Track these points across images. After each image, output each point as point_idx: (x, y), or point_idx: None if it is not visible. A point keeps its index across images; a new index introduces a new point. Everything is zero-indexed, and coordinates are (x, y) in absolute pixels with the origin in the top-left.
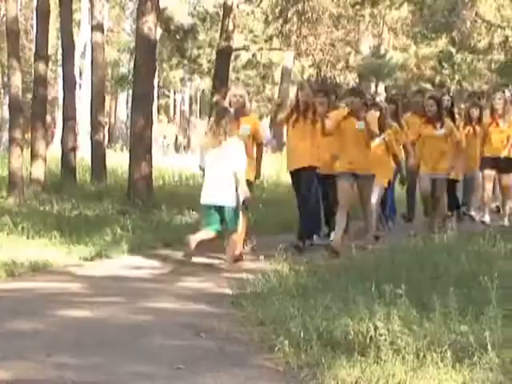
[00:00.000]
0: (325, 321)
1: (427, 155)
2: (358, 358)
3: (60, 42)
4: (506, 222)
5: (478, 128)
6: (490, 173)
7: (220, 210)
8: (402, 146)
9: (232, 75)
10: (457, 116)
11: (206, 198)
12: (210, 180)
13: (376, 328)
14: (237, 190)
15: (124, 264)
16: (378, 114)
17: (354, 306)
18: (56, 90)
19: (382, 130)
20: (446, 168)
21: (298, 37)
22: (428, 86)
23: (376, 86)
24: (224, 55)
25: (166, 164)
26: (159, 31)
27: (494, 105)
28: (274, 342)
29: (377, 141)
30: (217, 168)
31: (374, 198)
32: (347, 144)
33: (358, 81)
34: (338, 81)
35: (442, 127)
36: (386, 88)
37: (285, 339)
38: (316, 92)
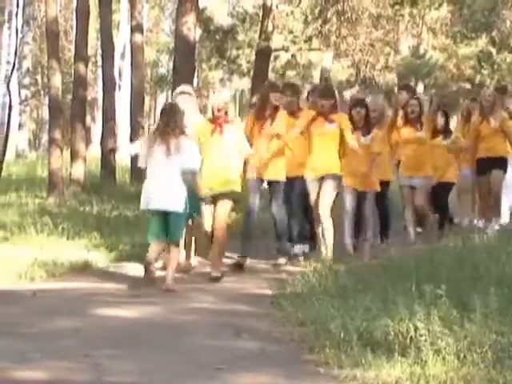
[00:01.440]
0: (365, 321)
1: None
2: (398, 359)
3: (99, 43)
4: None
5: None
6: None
7: (165, 216)
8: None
9: (272, 76)
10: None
11: (150, 203)
12: (154, 182)
13: (416, 328)
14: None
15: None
16: (346, 114)
17: (393, 307)
18: (96, 91)
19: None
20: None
21: (337, 37)
22: (467, 85)
23: (415, 86)
24: (263, 56)
25: None
26: (198, 31)
27: (483, 102)
28: (314, 343)
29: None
30: (164, 168)
31: (350, 205)
32: (314, 146)
33: (396, 81)
34: (377, 81)
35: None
36: (425, 87)
37: (325, 340)
38: (284, 91)
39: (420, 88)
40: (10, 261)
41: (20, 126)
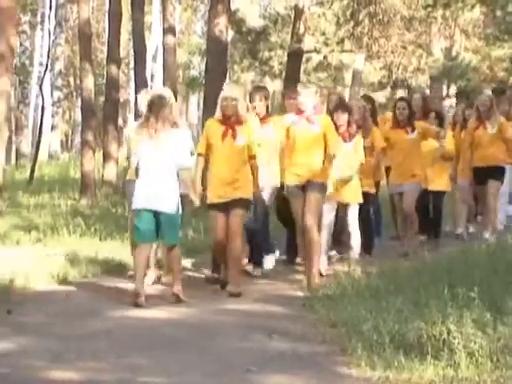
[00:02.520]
0: (397, 323)
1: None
2: (431, 361)
3: (132, 45)
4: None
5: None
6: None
7: (156, 217)
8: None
9: (303, 77)
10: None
11: (140, 202)
12: (144, 180)
13: (449, 331)
14: (182, 194)
15: (197, 265)
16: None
17: (426, 309)
18: (128, 93)
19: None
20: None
21: (369, 39)
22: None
23: (448, 88)
24: (295, 57)
25: None
26: (230, 33)
27: (480, 106)
28: (347, 345)
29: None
30: (155, 166)
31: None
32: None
33: (429, 83)
34: (409, 83)
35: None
36: (458, 89)
37: (357, 341)
38: (253, 95)
39: (452, 90)
40: (44, 262)
41: (52, 127)
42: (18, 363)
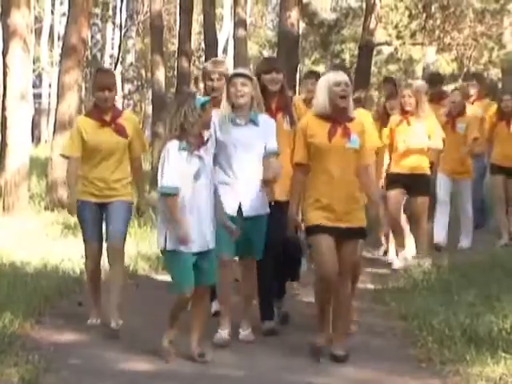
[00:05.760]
0: (468, 317)
1: None
2: (502, 355)
3: (203, 38)
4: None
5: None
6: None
7: (202, 255)
8: None
9: (374, 70)
10: None
11: (189, 244)
12: (192, 210)
13: None
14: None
15: None
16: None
17: (497, 303)
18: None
19: None
20: None
21: (441, 32)
22: None
23: None
24: (366, 50)
25: None
26: (301, 26)
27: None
28: (417, 338)
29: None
30: (202, 189)
31: None
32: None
33: (500, 76)
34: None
35: None
36: None
37: (428, 335)
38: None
39: None
40: None
41: None
42: (88, 354)
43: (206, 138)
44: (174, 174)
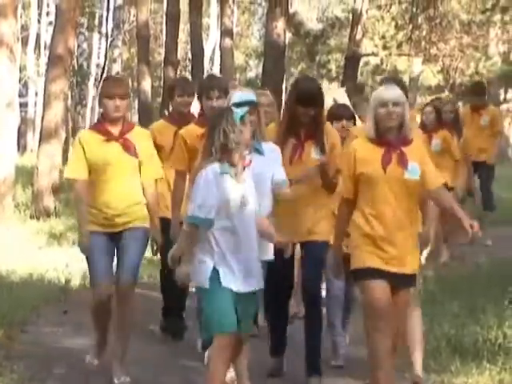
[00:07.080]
0: (453, 328)
1: None
2: (486, 366)
3: (189, 47)
4: None
5: None
6: None
7: (247, 297)
8: None
9: (361, 80)
10: None
11: (231, 282)
12: (236, 248)
13: (505, 335)
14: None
15: None
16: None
17: (482, 314)
18: None
19: None
20: None
21: (427, 42)
22: None
23: (505, 93)
24: (353, 60)
25: None
26: (288, 35)
27: None
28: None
29: None
30: (246, 222)
31: None
32: None
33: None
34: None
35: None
36: None
37: None
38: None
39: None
40: None
41: None
42: (73, 364)
43: (249, 159)
44: (210, 203)
